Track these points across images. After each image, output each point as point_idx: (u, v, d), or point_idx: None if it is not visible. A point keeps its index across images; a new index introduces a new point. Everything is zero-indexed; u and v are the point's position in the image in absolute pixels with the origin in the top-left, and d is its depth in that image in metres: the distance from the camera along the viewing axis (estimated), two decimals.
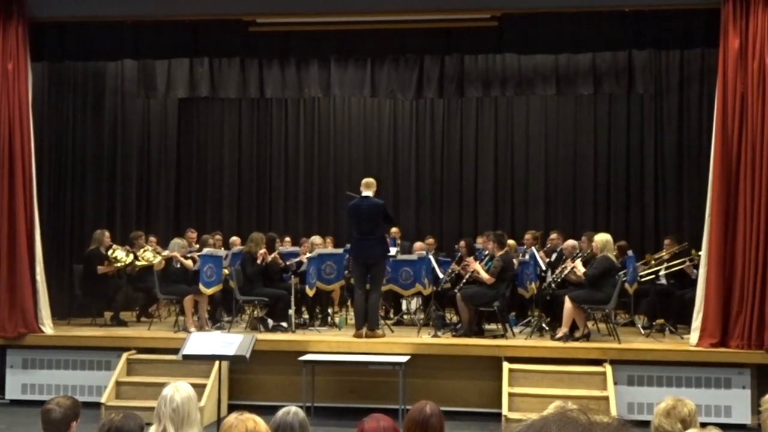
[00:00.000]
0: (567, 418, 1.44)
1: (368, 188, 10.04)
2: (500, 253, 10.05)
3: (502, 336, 9.96)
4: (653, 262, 11.18)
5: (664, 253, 11.23)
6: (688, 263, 10.46)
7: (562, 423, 1.43)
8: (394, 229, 12.70)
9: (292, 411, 3.98)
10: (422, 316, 11.49)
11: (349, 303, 12.30)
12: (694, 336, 9.21)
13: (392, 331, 10.42)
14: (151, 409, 4.20)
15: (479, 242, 11.63)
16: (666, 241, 11.53)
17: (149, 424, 4.21)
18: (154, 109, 14.39)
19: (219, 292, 10.83)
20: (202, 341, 7.98)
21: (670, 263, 11.00)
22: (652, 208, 13.65)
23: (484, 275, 9.95)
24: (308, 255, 11.08)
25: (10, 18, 9.95)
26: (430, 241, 12.54)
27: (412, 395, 8.43)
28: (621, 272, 9.96)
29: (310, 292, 10.73)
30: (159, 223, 14.21)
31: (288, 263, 11.12)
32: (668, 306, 10.75)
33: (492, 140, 14.79)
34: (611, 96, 13.87)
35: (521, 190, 14.67)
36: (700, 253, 9.69)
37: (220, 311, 11.46)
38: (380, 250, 10.03)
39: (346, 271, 11.35)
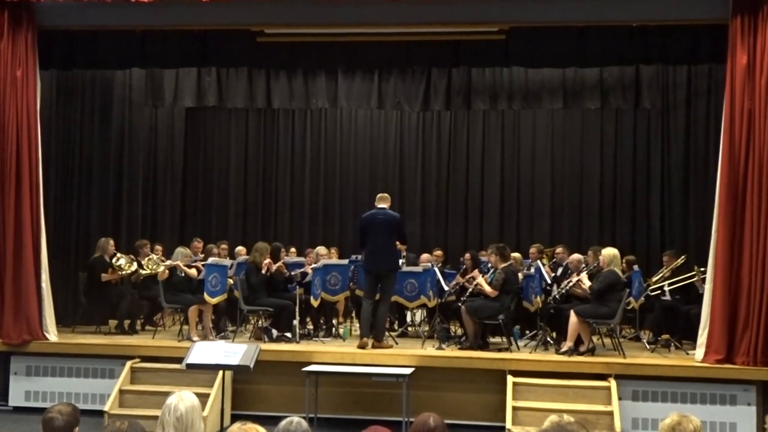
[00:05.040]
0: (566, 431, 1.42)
1: (383, 201, 10.09)
2: (502, 265, 10.04)
3: (507, 349, 9.94)
4: (653, 283, 11.06)
5: (664, 270, 11.16)
6: (698, 277, 10.36)
7: None
8: None
9: (295, 421, 3.95)
10: (427, 328, 11.48)
11: (353, 314, 12.28)
12: (699, 352, 9.17)
13: (396, 343, 10.40)
14: (155, 417, 4.19)
15: (484, 255, 11.61)
16: (665, 258, 11.45)
17: None
18: (162, 118, 14.42)
19: (223, 301, 10.83)
20: (206, 350, 7.97)
21: (674, 279, 10.95)
22: (658, 223, 13.61)
23: (487, 288, 9.94)
24: (313, 265, 11.08)
25: (19, 26, 10.00)
26: (438, 253, 12.54)
27: (415, 407, 8.42)
28: (626, 287, 9.92)
29: (315, 303, 10.72)
30: (165, 232, 14.22)
31: (293, 273, 11.11)
32: (674, 321, 10.71)
33: (498, 153, 14.78)
34: (618, 110, 13.87)
35: (527, 204, 14.64)
36: (703, 269, 9.66)
37: (225, 321, 11.45)
38: (393, 263, 10.03)
39: (351, 282, 11.35)
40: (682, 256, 11.11)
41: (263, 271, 10.58)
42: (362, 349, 9.66)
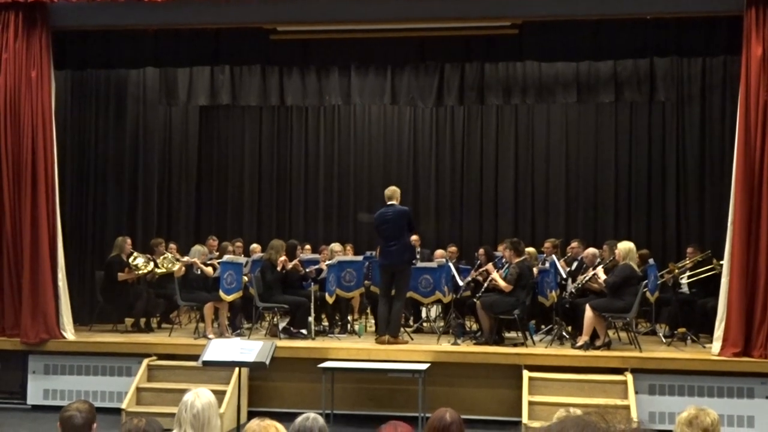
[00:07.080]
0: (585, 423, 1.41)
1: (392, 197, 10.10)
2: (517, 260, 10.03)
3: (522, 344, 9.92)
4: (676, 271, 11.10)
5: (687, 262, 11.15)
6: (718, 270, 10.29)
7: (580, 428, 1.40)
8: (414, 237, 12.70)
9: (311, 417, 3.97)
10: (442, 323, 11.48)
11: (368, 310, 12.29)
12: (716, 345, 9.13)
13: (412, 339, 10.40)
14: (172, 415, 4.22)
15: (499, 250, 11.59)
16: (689, 250, 11.45)
17: (169, 430, 4.22)
18: (176, 116, 14.48)
19: (239, 299, 10.86)
20: (222, 348, 8.00)
21: (693, 272, 10.92)
22: (674, 216, 13.58)
23: (501, 283, 9.92)
24: (328, 262, 11.10)
25: (34, 27, 10.05)
26: (453, 249, 12.53)
27: (431, 403, 8.41)
28: (642, 281, 9.88)
29: (330, 300, 10.74)
30: (180, 230, 14.29)
31: (308, 270, 11.13)
32: (690, 315, 10.67)
33: (512, 148, 14.76)
34: (632, 104, 13.81)
35: (542, 198, 14.63)
36: (721, 262, 9.61)
37: (240, 318, 11.49)
38: (406, 257, 10.04)
39: (366, 279, 11.36)
40: (708, 251, 11.04)
41: (279, 269, 10.60)
42: (381, 345, 9.68)
